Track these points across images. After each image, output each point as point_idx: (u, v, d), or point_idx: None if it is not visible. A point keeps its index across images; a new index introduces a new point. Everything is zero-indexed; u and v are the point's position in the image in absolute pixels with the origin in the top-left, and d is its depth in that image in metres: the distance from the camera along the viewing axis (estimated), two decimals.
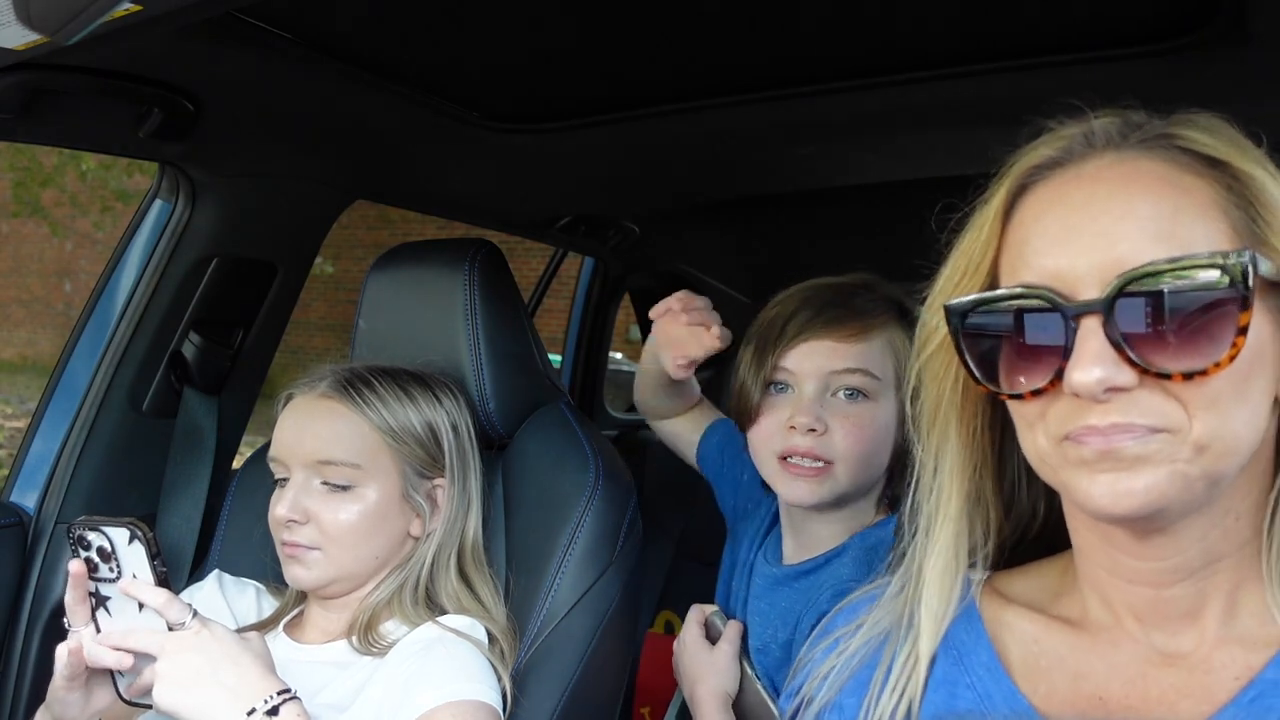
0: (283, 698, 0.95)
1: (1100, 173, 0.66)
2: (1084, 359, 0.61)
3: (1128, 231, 0.62)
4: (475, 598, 1.21)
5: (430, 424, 1.24)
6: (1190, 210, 0.63)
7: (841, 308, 1.21)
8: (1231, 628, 0.67)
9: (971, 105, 1.31)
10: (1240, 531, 0.66)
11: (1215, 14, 1.05)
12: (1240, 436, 0.62)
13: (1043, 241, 0.66)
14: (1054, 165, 0.69)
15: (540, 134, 1.52)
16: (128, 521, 1.01)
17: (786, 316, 1.22)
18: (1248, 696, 0.64)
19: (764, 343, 1.23)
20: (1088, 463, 0.62)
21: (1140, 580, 0.68)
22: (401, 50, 1.25)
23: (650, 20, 1.16)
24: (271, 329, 1.70)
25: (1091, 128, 0.70)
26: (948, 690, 0.73)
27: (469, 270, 1.35)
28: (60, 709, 1.06)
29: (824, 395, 1.19)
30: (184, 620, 0.98)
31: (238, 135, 1.39)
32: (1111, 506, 0.61)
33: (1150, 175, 0.65)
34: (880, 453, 1.21)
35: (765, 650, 1.25)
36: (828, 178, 1.82)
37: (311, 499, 1.17)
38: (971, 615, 0.76)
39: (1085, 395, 0.61)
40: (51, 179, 9.19)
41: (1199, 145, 0.66)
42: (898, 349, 1.21)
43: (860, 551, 1.20)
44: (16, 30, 0.82)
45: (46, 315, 12.63)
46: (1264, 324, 0.63)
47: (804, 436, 1.18)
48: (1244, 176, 0.65)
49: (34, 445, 1.53)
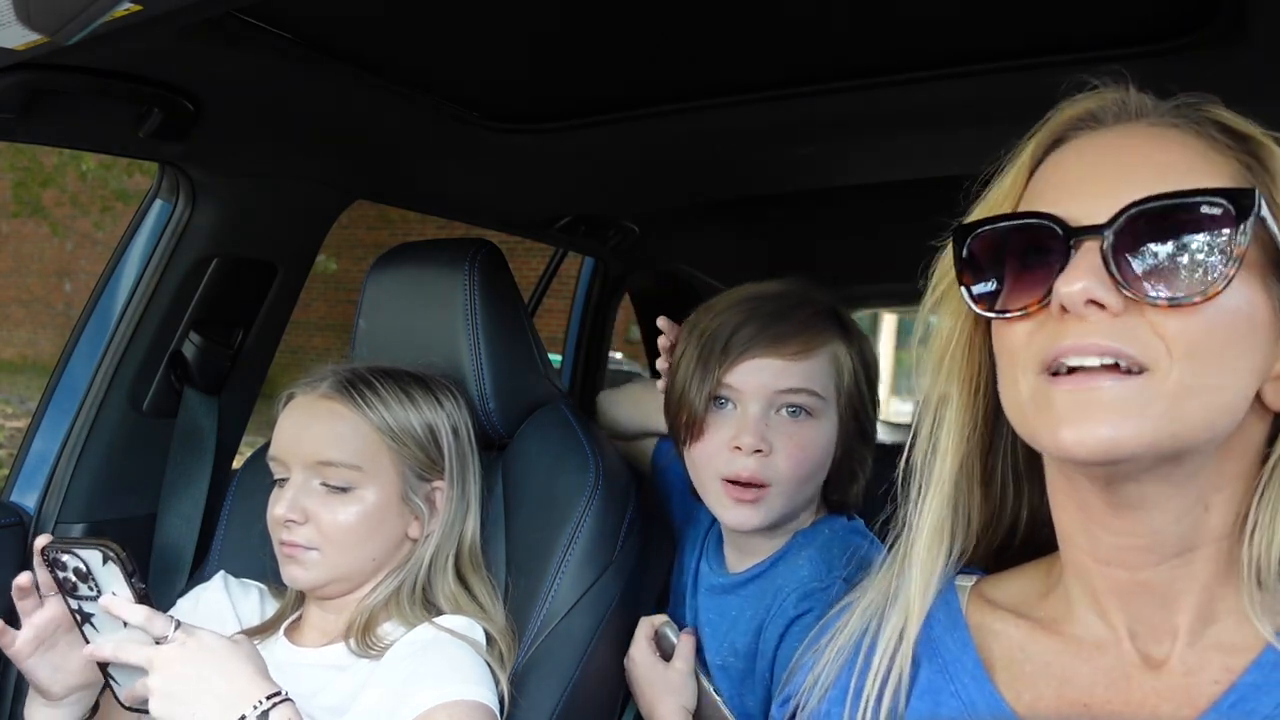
0: (272, 701, 0.94)
1: (1127, 133, 0.69)
2: (1071, 272, 0.62)
3: (1142, 178, 0.64)
4: (473, 599, 1.21)
5: (431, 426, 1.24)
6: (1205, 171, 0.65)
7: (785, 323, 1.19)
8: (1210, 630, 0.67)
9: (972, 105, 1.31)
10: (1212, 525, 0.66)
11: (1215, 14, 1.05)
12: (1216, 403, 0.62)
13: (1061, 185, 0.68)
14: (1090, 122, 0.71)
15: (540, 134, 1.52)
16: (100, 543, 1.01)
17: (730, 329, 1.19)
18: (1228, 701, 0.64)
19: (707, 355, 1.20)
20: (1059, 403, 0.62)
21: (1116, 561, 0.68)
22: (401, 50, 1.25)
23: (650, 20, 1.16)
24: (272, 329, 1.70)
25: (1129, 96, 0.72)
26: (932, 699, 0.73)
27: (469, 270, 1.35)
28: (33, 674, 1.07)
29: (767, 413, 1.18)
30: (167, 633, 0.97)
31: (238, 135, 1.39)
32: (1080, 449, 0.62)
33: (1172, 140, 0.67)
34: (817, 474, 1.21)
35: (727, 666, 1.24)
36: (828, 178, 1.82)
37: (310, 499, 1.17)
38: (958, 622, 0.76)
39: (1069, 306, 0.62)
40: (52, 179, 9.19)
41: (1226, 119, 0.68)
42: (840, 365, 1.21)
43: (813, 550, 1.19)
44: (16, 30, 0.82)
45: (46, 315, 12.63)
46: (1259, 301, 0.63)
47: (748, 458, 1.16)
48: (1265, 155, 0.66)
49: (34, 445, 1.52)
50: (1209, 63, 1.12)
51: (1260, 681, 0.64)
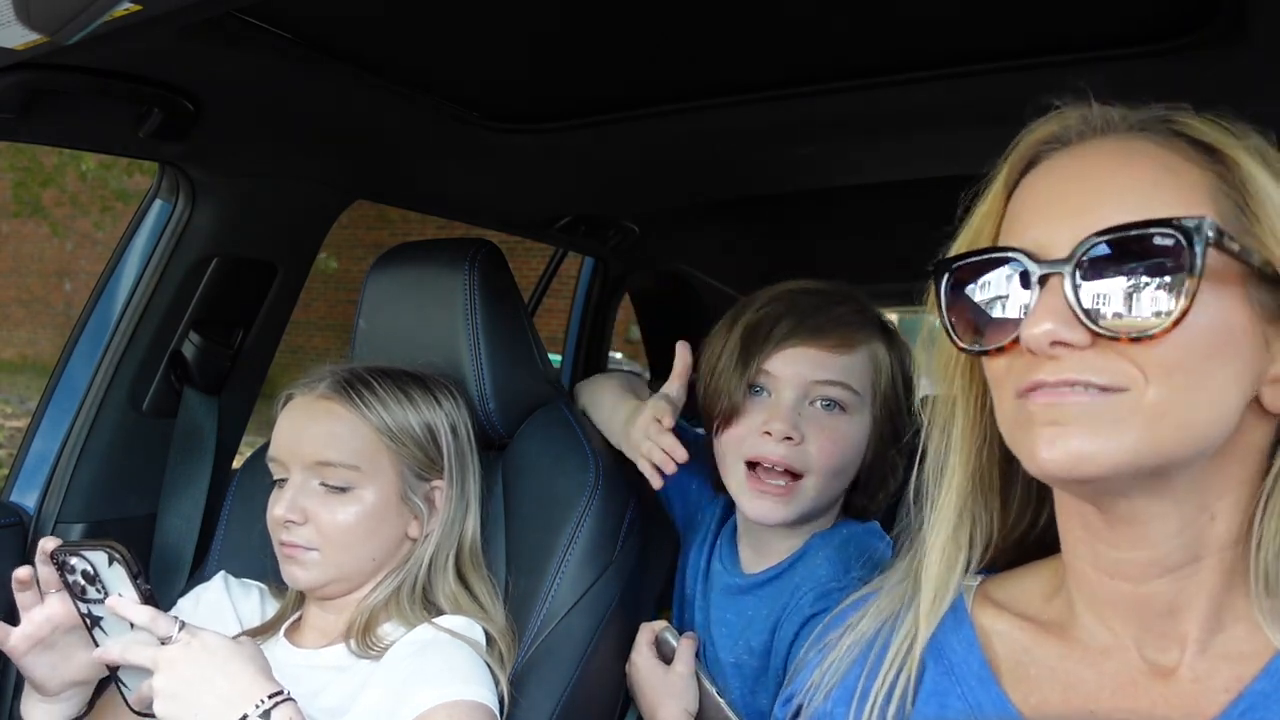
0: (274, 701, 0.95)
1: (1094, 151, 0.69)
2: (1036, 314, 0.63)
3: (1104, 201, 0.64)
4: (473, 599, 1.21)
5: (429, 426, 1.24)
6: (1171, 187, 0.64)
7: (826, 317, 1.19)
8: (1219, 638, 0.67)
9: (972, 106, 1.31)
10: (1219, 534, 0.66)
11: (1215, 14, 1.05)
12: (1198, 419, 0.62)
13: (1031, 212, 0.68)
14: (1056, 143, 0.71)
15: (540, 134, 1.51)
16: (104, 545, 1.02)
17: (774, 320, 1.20)
18: (1238, 709, 0.63)
19: (749, 342, 1.20)
20: (1036, 420, 0.63)
21: (1119, 574, 0.68)
22: (401, 50, 1.25)
23: (650, 20, 1.16)
24: (271, 329, 1.70)
25: (1093, 111, 0.71)
26: (938, 701, 0.73)
27: (469, 270, 1.35)
28: (30, 671, 1.07)
29: (802, 403, 1.18)
30: (171, 634, 0.98)
31: (238, 135, 1.39)
32: (1052, 465, 0.62)
33: (1139, 154, 0.67)
34: (849, 468, 1.21)
35: (740, 664, 1.24)
36: (828, 178, 1.82)
37: (310, 500, 1.17)
38: (964, 624, 0.76)
39: (1035, 349, 0.62)
40: (52, 179, 9.18)
41: (1193, 130, 0.68)
42: (879, 365, 1.21)
43: (831, 550, 1.19)
44: (16, 30, 0.82)
45: (46, 315, 12.63)
46: (1239, 309, 0.63)
47: (778, 444, 1.16)
48: (1232, 164, 0.66)
49: (34, 445, 1.52)
50: (1209, 63, 1.12)
51: (1270, 690, 0.63)
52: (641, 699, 1.27)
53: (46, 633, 1.07)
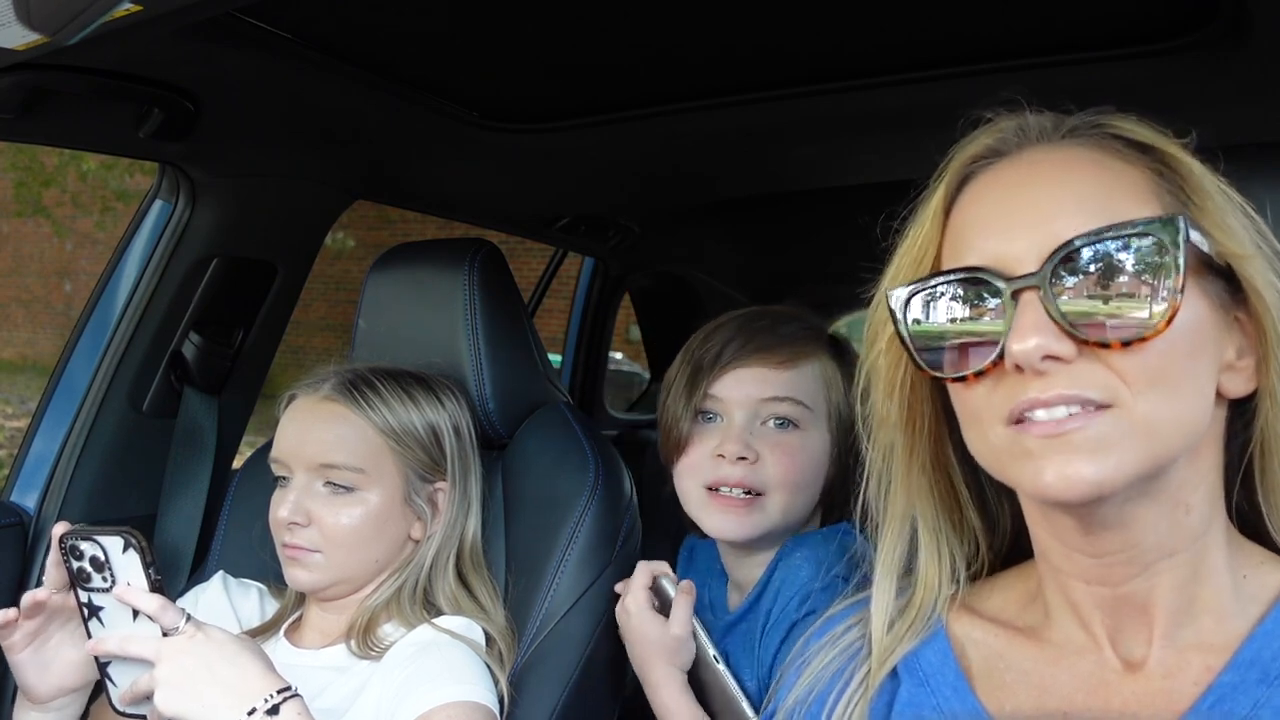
0: (283, 696, 0.94)
1: (1035, 159, 0.69)
2: (1021, 329, 0.62)
3: (1063, 209, 0.63)
4: (473, 599, 1.21)
5: (433, 426, 1.24)
6: (1122, 190, 0.64)
7: (770, 335, 1.20)
8: (1187, 630, 0.67)
9: (972, 105, 1.31)
10: (1192, 526, 0.66)
11: (1215, 14, 1.05)
12: (1186, 419, 0.62)
13: (982, 226, 0.67)
14: (992, 156, 0.71)
15: (540, 134, 1.52)
16: (123, 530, 1.00)
17: (719, 345, 1.20)
18: (1207, 702, 0.64)
19: (695, 372, 1.21)
20: (1038, 449, 0.62)
21: (1096, 579, 0.68)
22: (401, 50, 1.25)
23: (651, 21, 1.16)
24: (272, 329, 1.70)
25: (1026, 121, 0.72)
26: (913, 712, 0.73)
27: (469, 270, 1.35)
28: (21, 671, 1.07)
29: (753, 424, 1.18)
30: (178, 625, 0.97)
31: (238, 135, 1.39)
32: (1062, 492, 0.61)
33: (1083, 160, 0.67)
34: (813, 484, 1.20)
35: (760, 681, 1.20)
36: (827, 178, 1.82)
37: (314, 502, 1.17)
38: (937, 634, 0.76)
39: (1025, 366, 0.62)
40: (52, 179, 9.19)
41: (1128, 132, 0.68)
42: (829, 380, 1.20)
43: (808, 550, 1.17)
44: (16, 30, 0.82)
45: (46, 315, 12.63)
46: (1200, 306, 0.63)
47: (734, 466, 1.16)
48: (1173, 161, 0.66)
49: (34, 445, 1.52)
50: (1209, 63, 1.12)
51: (1238, 681, 0.63)
52: (632, 651, 1.21)
53: (43, 626, 1.07)
